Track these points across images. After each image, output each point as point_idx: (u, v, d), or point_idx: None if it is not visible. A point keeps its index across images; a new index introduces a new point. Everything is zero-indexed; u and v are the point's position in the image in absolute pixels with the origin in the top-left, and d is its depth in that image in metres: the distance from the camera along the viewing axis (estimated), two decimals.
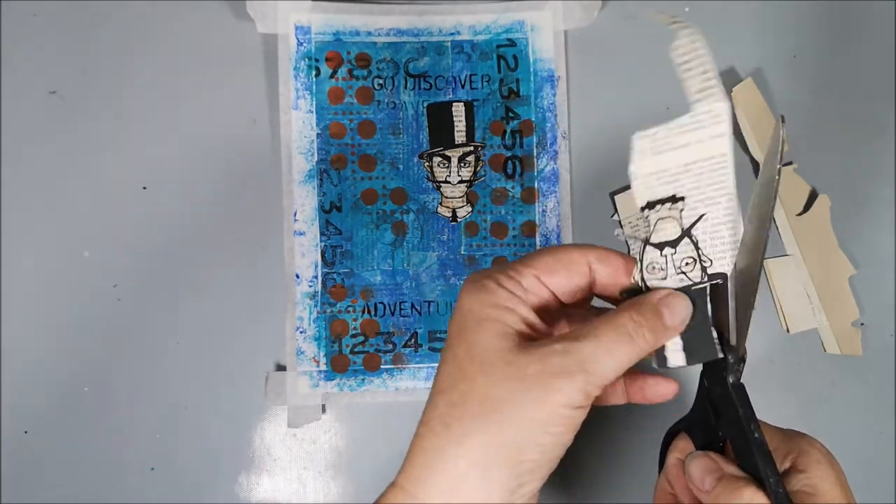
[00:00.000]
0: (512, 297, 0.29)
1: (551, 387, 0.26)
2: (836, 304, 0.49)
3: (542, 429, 0.27)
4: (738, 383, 0.30)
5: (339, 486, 0.48)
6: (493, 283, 0.29)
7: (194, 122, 0.48)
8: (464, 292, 0.30)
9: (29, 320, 0.46)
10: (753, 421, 0.29)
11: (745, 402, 0.29)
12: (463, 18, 0.49)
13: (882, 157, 0.51)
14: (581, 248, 0.31)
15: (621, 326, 0.28)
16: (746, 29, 0.51)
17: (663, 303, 0.29)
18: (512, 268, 0.30)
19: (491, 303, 0.29)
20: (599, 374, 0.27)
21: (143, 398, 0.47)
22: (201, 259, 0.47)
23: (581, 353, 0.27)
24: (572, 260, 0.30)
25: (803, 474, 0.30)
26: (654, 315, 0.29)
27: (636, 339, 0.28)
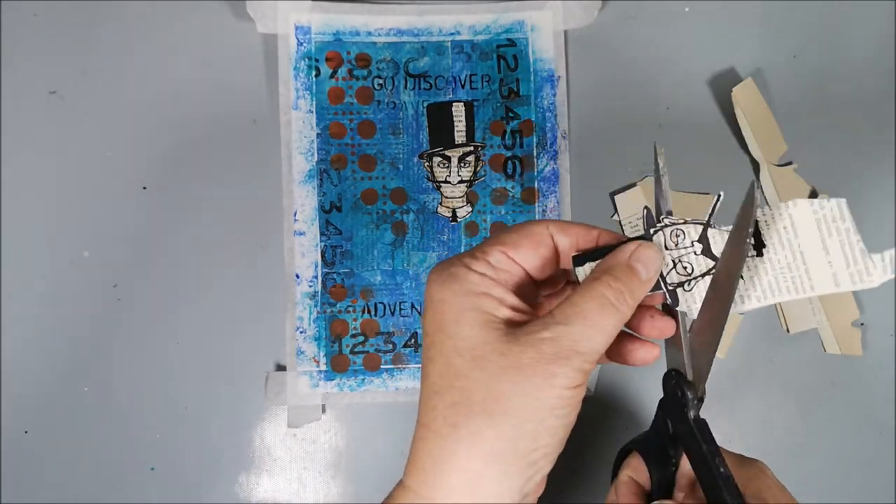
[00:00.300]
0: (484, 279, 0.28)
1: (550, 372, 0.26)
2: (836, 304, 0.49)
3: (549, 413, 0.27)
4: (699, 418, 0.30)
5: (339, 486, 0.48)
6: (462, 268, 0.28)
7: (194, 122, 0.48)
8: (432, 284, 0.29)
9: (29, 320, 0.46)
10: (718, 456, 0.29)
11: (708, 437, 0.30)
12: (463, 18, 0.49)
13: (882, 157, 0.51)
14: (541, 221, 0.30)
15: (602, 297, 0.28)
16: (746, 29, 0.51)
17: (634, 258, 0.29)
18: (476, 249, 0.29)
19: (464, 290, 0.28)
20: (592, 351, 0.27)
21: (143, 398, 0.47)
22: (201, 259, 0.47)
23: (572, 336, 0.27)
24: (534, 231, 0.30)
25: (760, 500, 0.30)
26: (630, 274, 0.28)
27: (619, 306, 0.28)
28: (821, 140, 0.50)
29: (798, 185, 0.50)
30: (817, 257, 0.29)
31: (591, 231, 0.30)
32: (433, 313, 0.28)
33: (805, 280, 0.29)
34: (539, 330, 0.27)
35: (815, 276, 0.29)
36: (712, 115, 0.50)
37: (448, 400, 0.27)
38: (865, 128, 0.51)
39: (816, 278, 0.29)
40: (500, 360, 0.27)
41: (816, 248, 0.29)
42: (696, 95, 0.50)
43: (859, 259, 0.29)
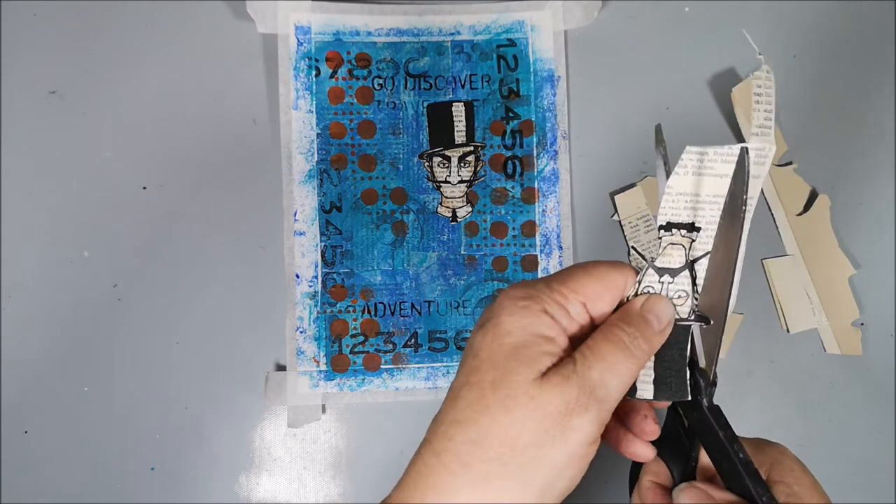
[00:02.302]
0: (555, 326, 0.28)
1: (569, 426, 0.26)
2: (836, 304, 0.49)
3: (559, 473, 0.26)
4: (713, 405, 0.30)
5: (339, 486, 0.48)
6: (539, 307, 0.28)
7: (194, 122, 0.48)
8: (503, 310, 0.28)
9: (29, 320, 0.46)
10: (736, 441, 0.29)
11: (723, 423, 0.29)
12: (463, 18, 0.49)
13: (882, 157, 0.51)
14: (621, 269, 0.30)
15: (619, 342, 0.28)
16: (746, 29, 0.51)
17: (646, 309, 0.29)
18: (559, 291, 0.29)
19: (534, 331, 0.27)
20: (609, 399, 0.27)
21: (143, 398, 0.47)
22: (201, 259, 0.47)
23: (592, 382, 0.27)
24: (616, 284, 0.29)
25: (783, 484, 0.30)
26: (643, 323, 0.28)
27: (634, 351, 0.28)
28: (821, 140, 0.50)
29: (798, 185, 0.50)
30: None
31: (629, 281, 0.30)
32: (493, 340, 0.28)
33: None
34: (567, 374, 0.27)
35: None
36: (712, 115, 0.50)
37: (467, 435, 0.27)
38: (865, 128, 0.51)
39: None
40: (528, 405, 0.26)
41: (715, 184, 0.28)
42: (696, 95, 0.50)
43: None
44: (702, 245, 0.29)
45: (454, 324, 0.48)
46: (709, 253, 0.29)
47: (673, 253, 0.30)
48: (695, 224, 0.29)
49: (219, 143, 0.48)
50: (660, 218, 0.29)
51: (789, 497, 0.29)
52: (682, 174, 0.28)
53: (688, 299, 0.30)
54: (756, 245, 0.50)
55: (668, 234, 0.29)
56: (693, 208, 0.29)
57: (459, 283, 0.48)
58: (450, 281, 0.48)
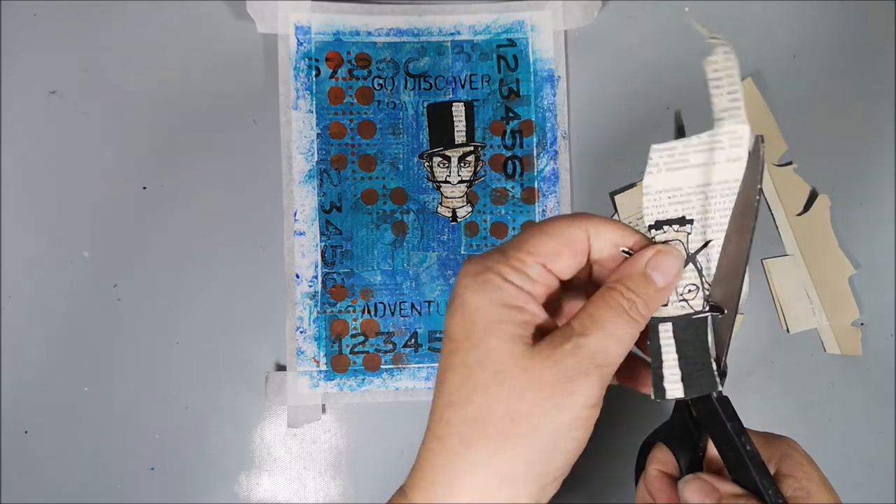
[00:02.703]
0: (521, 293, 0.27)
1: (570, 390, 0.26)
2: (836, 304, 0.49)
3: (566, 435, 0.26)
4: (722, 396, 0.29)
5: (339, 486, 0.48)
6: (499, 277, 0.27)
7: (194, 121, 0.48)
8: (465, 288, 0.28)
9: (29, 320, 0.46)
10: (744, 434, 0.29)
11: (732, 415, 0.29)
12: (463, 18, 0.49)
13: (882, 157, 0.51)
14: (580, 221, 0.29)
15: (617, 306, 0.27)
16: (746, 29, 0.51)
17: (651, 265, 0.28)
18: (514, 256, 0.28)
19: (499, 301, 0.27)
20: (610, 364, 0.27)
21: (143, 398, 0.47)
22: (201, 259, 0.47)
23: (591, 349, 0.26)
24: (574, 238, 0.29)
25: (792, 478, 0.30)
26: (645, 283, 0.28)
27: (633, 315, 0.27)
28: (821, 140, 0.50)
29: (798, 185, 0.50)
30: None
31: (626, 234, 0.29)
32: (462, 319, 0.27)
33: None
34: (560, 343, 0.27)
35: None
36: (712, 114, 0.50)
37: (464, 415, 0.27)
38: (865, 128, 0.51)
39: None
40: (523, 376, 0.26)
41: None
42: (696, 95, 0.50)
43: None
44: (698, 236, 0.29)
45: None
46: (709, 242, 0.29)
47: None
48: (685, 217, 0.29)
49: (219, 142, 0.48)
50: (646, 219, 0.29)
51: (797, 491, 0.29)
52: (655, 172, 0.28)
53: (698, 291, 0.29)
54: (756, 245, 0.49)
55: (659, 231, 0.29)
56: (679, 202, 0.29)
57: None
58: (450, 281, 0.48)
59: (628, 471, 0.35)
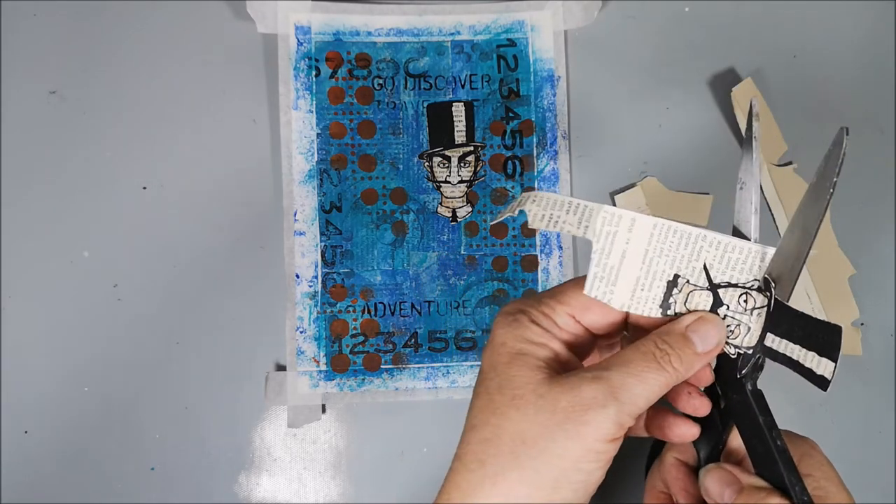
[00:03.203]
0: (545, 333, 0.29)
1: (583, 420, 0.26)
2: (836, 304, 0.49)
3: (574, 465, 0.26)
4: (756, 390, 0.29)
5: (339, 486, 0.48)
6: (527, 318, 0.29)
7: (194, 122, 0.48)
8: (497, 326, 0.30)
9: (29, 320, 0.46)
10: (775, 429, 0.28)
11: (765, 409, 0.29)
12: (463, 18, 0.49)
13: (882, 158, 0.51)
14: None
15: (649, 353, 0.28)
16: (746, 29, 0.51)
17: (692, 329, 0.29)
18: (546, 304, 0.30)
19: (524, 338, 0.29)
20: (631, 403, 0.27)
21: (143, 398, 0.47)
22: (201, 259, 0.47)
23: (611, 381, 0.27)
24: None
25: (811, 477, 0.30)
26: (682, 342, 0.28)
27: (665, 366, 0.28)
28: (821, 140, 0.50)
29: (798, 185, 0.50)
30: None
31: None
32: (490, 352, 0.29)
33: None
34: (581, 373, 0.27)
35: None
36: (712, 115, 0.50)
37: (480, 435, 0.28)
38: (865, 128, 0.51)
39: None
40: (538, 402, 0.27)
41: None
42: (696, 95, 0.50)
43: None
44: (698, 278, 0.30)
45: (454, 324, 0.48)
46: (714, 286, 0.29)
47: (695, 298, 0.30)
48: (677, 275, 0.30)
49: (219, 143, 0.48)
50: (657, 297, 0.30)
51: (816, 490, 0.29)
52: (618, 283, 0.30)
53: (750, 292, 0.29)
54: None
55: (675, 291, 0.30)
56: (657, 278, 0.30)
57: (459, 283, 0.48)
58: (450, 281, 0.48)
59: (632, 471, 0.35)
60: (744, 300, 0.29)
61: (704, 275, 0.30)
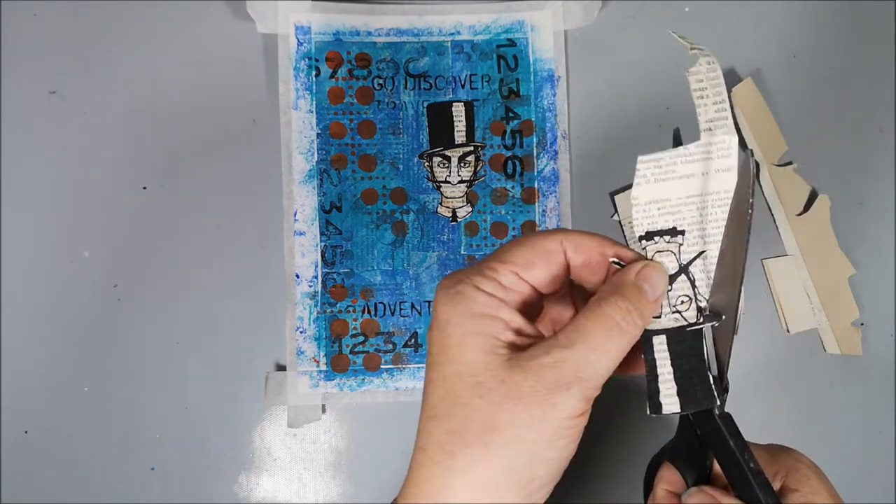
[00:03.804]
0: (492, 300, 0.27)
1: (550, 402, 0.26)
2: (836, 304, 0.49)
3: (547, 445, 0.26)
4: (724, 413, 0.29)
5: (339, 486, 0.48)
6: (471, 287, 0.28)
7: (194, 121, 0.48)
8: (439, 302, 0.28)
9: (29, 320, 0.46)
10: (746, 450, 0.28)
11: (734, 431, 0.29)
12: (463, 18, 0.49)
13: (882, 157, 0.51)
14: (554, 234, 0.29)
15: (609, 319, 0.27)
16: (746, 29, 0.51)
17: (641, 277, 0.28)
18: (487, 266, 0.28)
19: (471, 312, 0.27)
20: (596, 377, 0.26)
21: (143, 398, 0.47)
22: (201, 259, 0.47)
23: (575, 362, 0.26)
24: (548, 249, 0.29)
25: (797, 493, 0.30)
26: (638, 294, 0.28)
27: (626, 327, 0.27)
28: (821, 140, 0.50)
29: (798, 185, 0.50)
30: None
31: (603, 246, 0.29)
32: (438, 333, 0.28)
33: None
34: (541, 354, 0.26)
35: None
36: None
37: (445, 426, 0.27)
38: (865, 128, 0.51)
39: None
40: (501, 388, 0.26)
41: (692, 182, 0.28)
42: None
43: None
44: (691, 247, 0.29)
45: None
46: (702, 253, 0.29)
47: (663, 261, 0.29)
48: (676, 228, 0.29)
49: (219, 142, 0.48)
50: (637, 229, 0.29)
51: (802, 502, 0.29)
52: (644, 183, 0.28)
53: (691, 303, 0.29)
54: (756, 245, 0.50)
55: (650, 242, 0.29)
56: (669, 213, 0.29)
57: None
58: None
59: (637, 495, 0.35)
60: (684, 301, 0.29)
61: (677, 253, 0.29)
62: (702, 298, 0.29)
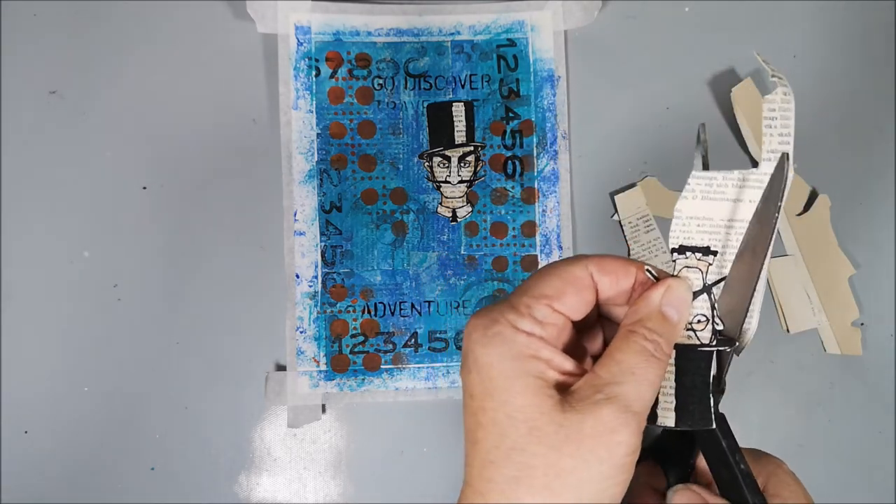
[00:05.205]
0: (532, 340, 0.27)
1: (614, 441, 0.26)
2: (836, 304, 0.49)
3: (611, 482, 0.26)
4: (719, 413, 0.29)
5: (339, 486, 0.48)
6: (509, 328, 0.27)
7: (194, 122, 0.48)
8: (476, 343, 0.27)
9: (29, 320, 0.46)
10: (738, 452, 0.29)
11: (727, 432, 0.29)
12: (463, 18, 0.49)
13: (882, 157, 0.51)
14: (580, 261, 0.29)
15: (643, 350, 0.27)
16: (746, 29, 0.51)
17: (665, 302, 0.28)
18: (520, 301, 0.28)
19: (512, 354, 0.27)
20: (646, 409, 0.27)
21: (143, 398, 0.47)
22: (201, 259, 0.47)
23: (626, 397, 0.26)
24: (577, 276, 0.29)
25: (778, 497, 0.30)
26: (663, 321, 0.28)
27: (659, 356, 0.27)
28: (821, 140, 0.50)
29: (798, 185, 0.50)
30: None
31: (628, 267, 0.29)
32: (479, 376, 0.27)
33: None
34: (592, 394, 0.26)
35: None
36: (712, 115, 0.50)
37: (507, 474, 0.26)
38: (865, 128, 0.51)
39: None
40: (560, 432, 0.26)
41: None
42: (696, 95, 0.50)
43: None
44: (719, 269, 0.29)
45: (454, 324, 0.48)
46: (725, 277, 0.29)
47: (689, 276, 0.29)
48: (710, 248, 0.29)
49: (219, 143, 0.48)
50: (671, 241, 0.29)
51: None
52: (691, 198, 0.28)
53: (708, 323, 0.29)
54: None
55: (681, 256, 0.29)
56: (707, 232, 0.29)
57: (459, 283, 0.48)
58: (450, 281, 0.48)
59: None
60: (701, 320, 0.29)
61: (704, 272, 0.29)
62: (719, 322, 0.29)
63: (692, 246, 0.29)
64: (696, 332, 0.29)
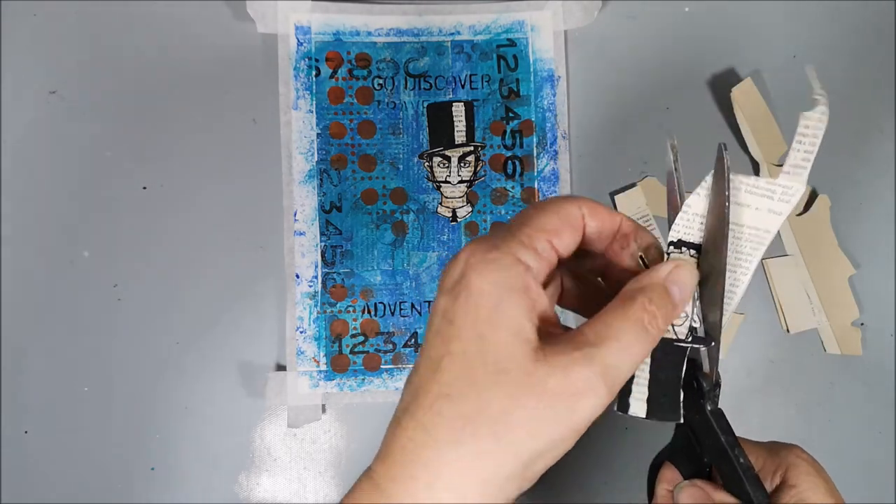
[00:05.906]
0: (527, 273, 0.26)
1: (575, 405, 0.25)
2: (836, 304, 0.49)
3: (558, 444, 0.25)
4: (716, 409, 0.29)
5: (339, 486, 0.48)
6: (509, 256, 0.26)
7: (194, 121, 0.48)
8: (471, 269, 0.26)
9: (29, 320, 0.46)
10: (737, 446, 0.29)
11: (725, 427, 0.29)
12: (463, 18, 0.49)
13: (882, 157, 0.51)
14: (574, 201, 0.28)
15: (638, 321, 0.26)
16: (746, 29, 0.51)
17: (671, 280, 0.27)
18: (521, 232, 0.27)
19: (508, 284, 0.26)
20: (619, 380, 0.26)
21: (143, 398, 0.47)
22: (201, 259, 0.47)
23: (604, 362, 0.25)
24: (572, 214, 0.28)
25: (794, 489, 0.29)
26: (665, 297, 0.27)
27: (652, 330, 0.26)
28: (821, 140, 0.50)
29: None
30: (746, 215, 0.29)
31: (613, 217, 0.29)
32: (467, 302, 0.26)
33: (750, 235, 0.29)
34: (569, 350, 0.25)
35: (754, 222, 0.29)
36: (712, 115, 0.50)
37: (459, 410, 0.25)
38: (865, 128, 0.51)
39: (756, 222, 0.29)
40: (524, 381, 0.25)
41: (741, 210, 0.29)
42: (696, 95, 0.50)
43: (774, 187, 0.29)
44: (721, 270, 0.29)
45: None
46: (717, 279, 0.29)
47: None
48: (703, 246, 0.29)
49: (219, 143, 0.48)
50: (672, 234, 0.29)
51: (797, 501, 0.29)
52: (703, 195, 0.29)
53: (686, 320, 0.29)
54: None
55: (676, 251, 0.29)
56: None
57: None
58: None
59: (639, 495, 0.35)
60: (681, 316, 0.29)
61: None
62: (696, 319, 0.29)
63: (689, 242, 0.29)
64: (675, 327, 0.29)
